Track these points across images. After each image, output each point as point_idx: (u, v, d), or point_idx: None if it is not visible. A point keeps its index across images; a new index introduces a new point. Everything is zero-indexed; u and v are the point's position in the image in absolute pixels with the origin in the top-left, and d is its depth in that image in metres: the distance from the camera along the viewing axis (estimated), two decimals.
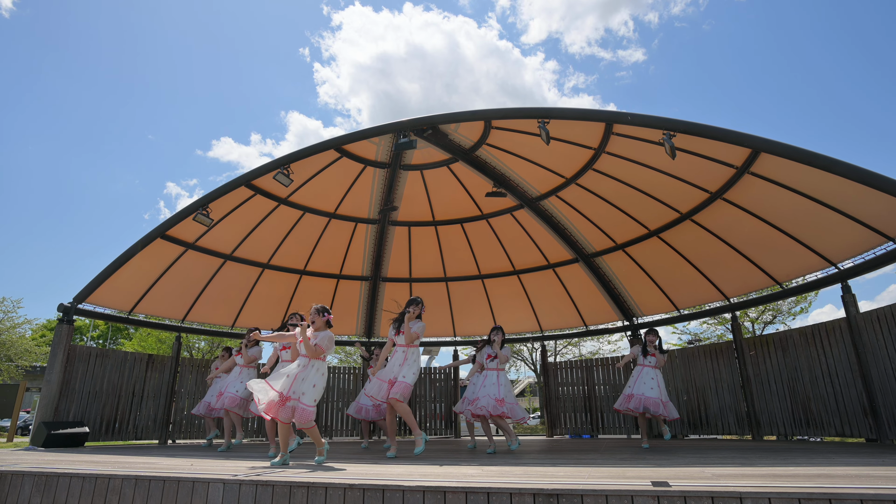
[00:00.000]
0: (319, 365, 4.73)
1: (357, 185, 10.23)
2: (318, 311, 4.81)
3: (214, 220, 9.08)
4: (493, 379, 6.69)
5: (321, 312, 4.81)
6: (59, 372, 8.62)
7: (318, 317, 4.79)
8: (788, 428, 8.36)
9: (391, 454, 5.70)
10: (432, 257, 12.02)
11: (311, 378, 4.63)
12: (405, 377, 5.68)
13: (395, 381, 5.68)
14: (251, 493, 3.19)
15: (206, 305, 10.89)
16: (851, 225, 7.09)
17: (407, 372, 5.70)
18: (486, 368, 6.79)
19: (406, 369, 5.72)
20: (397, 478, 3.21)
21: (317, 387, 4.65)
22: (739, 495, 2.49)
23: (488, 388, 6.63)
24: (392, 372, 5.78)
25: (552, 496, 2.67)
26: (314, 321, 4.78)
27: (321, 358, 4.75)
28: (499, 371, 6.77)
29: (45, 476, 3.76)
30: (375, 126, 8.01)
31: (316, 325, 4.77)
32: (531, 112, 7.26)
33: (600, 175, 9.08)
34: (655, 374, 7.27)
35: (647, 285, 10.53)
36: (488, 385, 6.66)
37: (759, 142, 6.23)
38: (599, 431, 11.04)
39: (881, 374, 6.98)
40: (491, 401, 6.48)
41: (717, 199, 8.29)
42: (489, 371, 6.75)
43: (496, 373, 6.74)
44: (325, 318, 4.83)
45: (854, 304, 7.53)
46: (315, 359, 4.70)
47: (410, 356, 5.81)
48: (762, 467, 3.82)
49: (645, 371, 7.28)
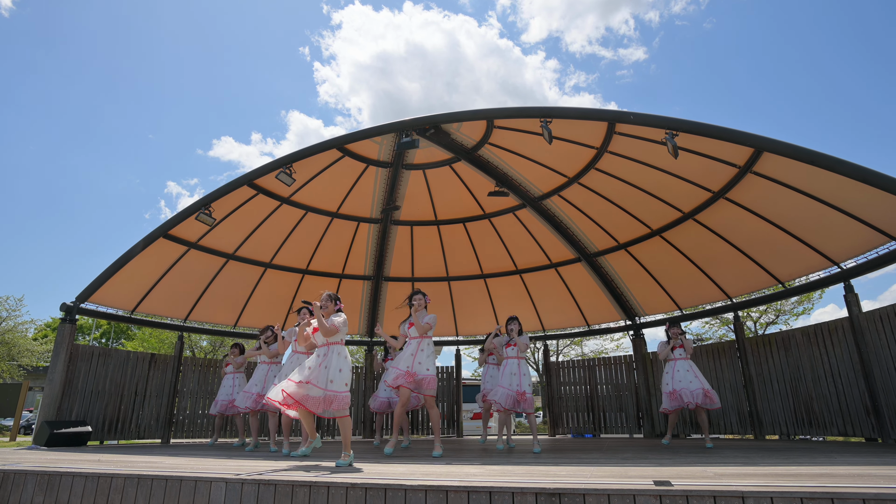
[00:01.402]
0: (339, 349, 4.59)
1: (359, 185, 10.23)
2: (329, 297, 4.78)
3: (217, 219, 9.09)
4: (514, 368, 6.67)
5: (333, 299, 4.80)
6: (62, 371, 8.64)
7: (329, 303, 4.76)
8: (791, 427, 8.35)
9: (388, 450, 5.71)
10: (434, 257, 12.02)
11: (334, 363, 4.48)
12: (429, 370, 5.69)
13: (418, 375, 5.65)
14: (253, 493, 3.20)
15: (209, 305, 10.91)
16: (854, 224, 7.07)
17: (429, 364, 5.72)
18: (507, 357, 6.79)
19: (427, 361, 5.72)
20: (399, 477, 3.21)
21: (343, 371, 4.50)
22: (742, 495, 2.49)
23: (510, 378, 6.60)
24: (406, 361, 5.72)
25: (554, 495, 2.67)
26: (326, 306, 4.76)
27: (339, 341, 4.63)
28: (520, 360, 6.75)
29: (47, 475, 3.77)
30: (378, 125, 8.01)
31: (328, 310, 4.76)
32: (533, 111, 7.26)
33: (603, 174, 9.07)
34: (689, 364, 7.33)
35: (650, 285, 10.52)
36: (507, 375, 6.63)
37: (761, 141, 6.22)
38: (602, 431, 11.04)
39: (884, 374, 6.97)
40: (511, 392, 6.46)
41: (719, 198, 8.28)
42: (509, 360, 6.75)
43: (517, 361, 6.72)
44: (338, 306, 4.81)
45: (857, 304, 7.52)
46: (332, 343, 4.59)
47: (426, 347, 5.80)
48: (764, 467, 3.81)
49: (678, 364, 7.33)
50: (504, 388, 6.53)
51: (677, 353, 7.42)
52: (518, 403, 6.45)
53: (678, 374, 7.31)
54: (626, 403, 10.86)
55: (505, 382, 6.59)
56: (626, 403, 10.84)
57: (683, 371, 7.29)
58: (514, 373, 6.63)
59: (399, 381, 5.68)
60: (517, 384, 6.53)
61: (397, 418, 5.99)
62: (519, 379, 6.57)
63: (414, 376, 5.66)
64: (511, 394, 6.46)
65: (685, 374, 7.27)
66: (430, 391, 5.67)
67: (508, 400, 6.44)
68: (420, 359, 5.72)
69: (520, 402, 6.45)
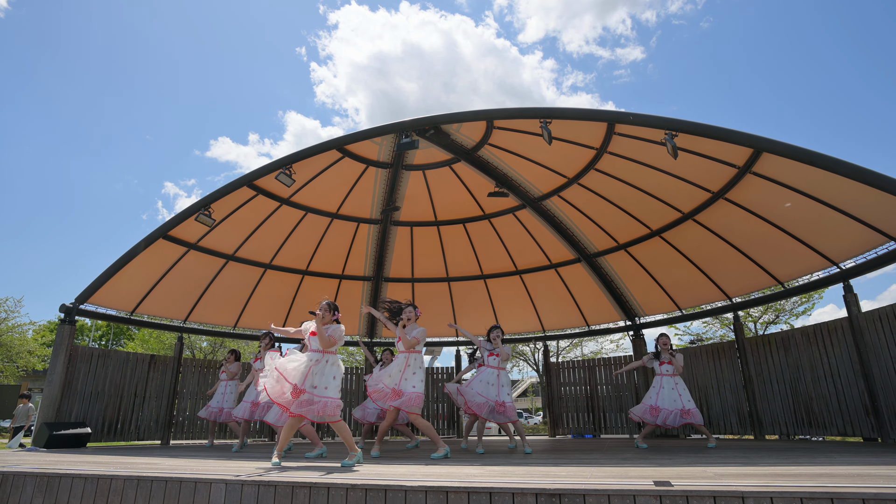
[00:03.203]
0: (333, 359, 4.74)
1: (359, 186, 10.23)
2: (328, 306, 4.84)
3: (216, 220, 9.09)
4: (491, 378, 6.43)
5: (332, 309, 4.84)
6: (62, 372, 8.63)
7: (328, 312, 4.81)
8: (790, 427, 8.35)
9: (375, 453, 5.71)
10: (434, 257, 12.03)
11: (328, 371, 4.63)
12: (415, 387, 5.59)
13: (403, 393, 5.56)
14: (253, 494, 3.20)
15: (209, 306, 10.91)
16: (853, 224, 7.08)
17: (416, 381, 5.62)
18: (487, 365, 6.54)
19: (413, 378, 5.63)
20: (399, 478, 3.21)
21: (336, 379, 4.66)
22: (741, 495, 2.49)
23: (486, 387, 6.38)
24: (393, 378, 5.66)
25: (554, 496, 2.67)
26: (324, 316, 4.80)
27: (333, 351, 4.77)
28: (500, 370, 6.51)
29: (46, 477, 3.76)
30: (378, 126, 8.02)
31: (325, 319, 4.80)
32: (533, 112, 7.26)
33: (602, 175, 9.07)
34: (675, 381, 7.15)
35: (650, 285, 10.52)
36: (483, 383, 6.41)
37: (761, 142, 6.22)
38: (602, 431, 11.04)
39: (883, 374, 6.97)
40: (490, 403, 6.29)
41: (718, 198, 8.28)
42: (489, 369, 6.50)
43: (496, 371, 6.47)
44: (335, 316, 4.87)
45: (856, 304, 7.53)
46: (328, 352, 4.71)
47: (413, 362, 5.70)
48: (764, 467, 3.81)
49: (665, 381, 7.15)
50: (482, 396, 6.32)
51: (665, 368, 7.22)
52: (496, 414, 6.27)
53: (663, 391, 7.13)
54: (626, 404, 10.86)
55: (482, 391, 6.36)
56: (626, 404, 10.83)
57: (668, 389, 7.12)
58: (491, 383, 6.39)
59: (386, 400, 5.64)
60: (495, 394, 6.32)
61: (380, 433, 6.01)
62: (497, 389, 6.35)
63: (400, 394, 5.58)
64: (490, 404, 6.28)
65: (669, 392, 7.10)
66: (414, 409, 5.56)
67: (485, 409, 6.27)
68: (407, 375, 5.63)
69: (499, 412, 6.27)
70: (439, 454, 5.38)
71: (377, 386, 5.74)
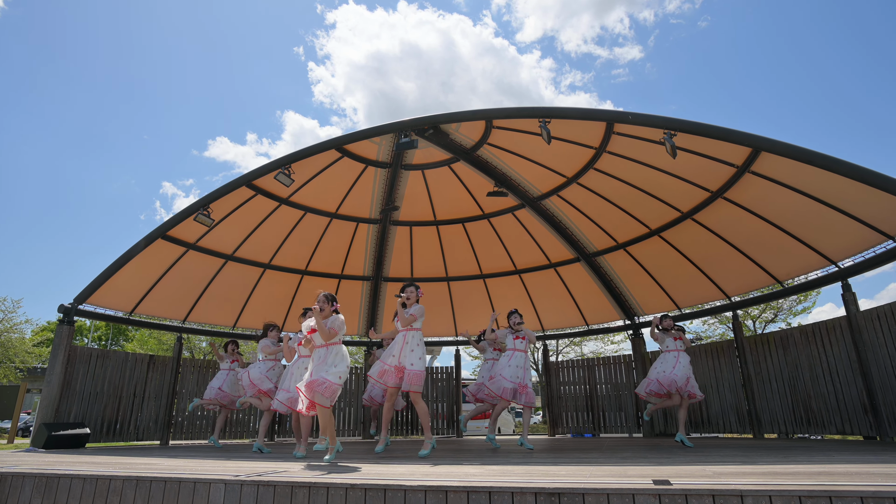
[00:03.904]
0: (336, 349, 4.77)
1: (358, 185, 10.23)
2: (326, 297, 4.85)
3: (215, 220, 9.08)
4: (520, 361, 6.63)
5: (329, 300, 4.85)
6: (60, 373, 8.62)
7: (326, 304, 4.82)
8: (789, 426, 8.36)
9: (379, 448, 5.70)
10: (434, 257, 12.03)
11: (331, 360, 4.68)
12: (413, 365, 5.52)
13: (406, 370, 5.53)
14: (252, 494, 3.20)
15: (208, 306, 10.90)
16: (852, 223, 7.09)
17: (413, 359, 5.55)
18: (515, 349, 6.70)
19: (411, 355, 5.57)
20: (399, 477, 3.21)
21: (338, 367, 4.69)
22: (740, 493, 2.49)
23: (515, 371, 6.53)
24: (393, 356, 5.62)
25: (554, 495, 2.67)
26: (323, 308, 4.81)
27: (336, 342, 4.79)
28: (526, 353, 6.74)
29: (45, 477, 3.76)
30: (377, 126, 8.02)
31: (325, 311, 4.81)
32: (532, 112, 7.26)
33: (601, 174, 9.08)
34: (679, 354, 7.20)
35: (649, 284, 10.53)
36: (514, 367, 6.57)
37: (759, 141, 6.23)
38: (601, 430, 11.05)
39: (881, 372, 6.98)
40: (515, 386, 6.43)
41: (717, 198, 8.29)
42: (517, 352, 6.68)
43: (524, 355, 6.70)
44: (334, 307, 4.88)
45: (854, 303, 7.54)
46: (331, 344, 4.74)
47: (411, 339, 5.64)
48: (763, 465, 3.81)
49: (669, 354, 7.25)
50: (507, 379, 6.48)
51: (679, 343, 7.23)
52: (518, 396, 6.42)
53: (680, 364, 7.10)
54: (625, 403, 10.87)
55: (509, 374, 6.52)
56: (626, 403, 10.85)
57: (671, 357, 7.17)
58: (519, 366, 6.60)
59: (386, 377, 5.59)
60: (521, 377, 6.51)
61: (386, 414, 5.90)
62: (523, 373, 6.57)
63: (402, 370, 5.54)
64: (514, 386, 6.44)
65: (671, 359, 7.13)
66: (415, 388, 5.49)
67: (509, 392, 6.42)
68: (405, 352, 5.58)
69: (521, 393, 6.43)
70: (426, 451, 5.36)
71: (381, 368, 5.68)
